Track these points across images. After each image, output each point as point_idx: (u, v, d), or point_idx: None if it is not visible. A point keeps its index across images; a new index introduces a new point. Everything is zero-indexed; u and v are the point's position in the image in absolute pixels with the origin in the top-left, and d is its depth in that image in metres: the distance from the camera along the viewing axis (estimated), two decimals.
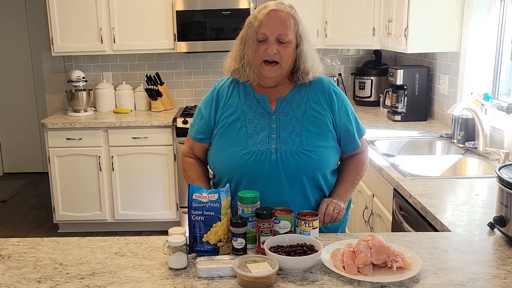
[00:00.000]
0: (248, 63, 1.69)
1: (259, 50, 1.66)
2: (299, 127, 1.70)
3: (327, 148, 1.72)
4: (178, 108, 4.52)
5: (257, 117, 1.72)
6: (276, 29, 1.64)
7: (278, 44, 1.65)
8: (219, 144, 1.75)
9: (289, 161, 1.67)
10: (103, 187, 4.10)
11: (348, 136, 1.78)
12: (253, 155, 1.67)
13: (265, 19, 1.64)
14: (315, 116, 1.72)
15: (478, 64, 3.07)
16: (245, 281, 1.30)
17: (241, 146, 1.69)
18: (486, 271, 1.38)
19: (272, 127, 1.71)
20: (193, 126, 1.83)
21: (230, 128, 1.73)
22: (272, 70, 1.67)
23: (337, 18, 4.04)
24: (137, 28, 4.12)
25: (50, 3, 4.07)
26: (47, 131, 4.02)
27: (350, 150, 1.81)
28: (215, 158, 1.77)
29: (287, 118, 1.71)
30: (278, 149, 1.68)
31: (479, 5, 3.03)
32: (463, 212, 1.85)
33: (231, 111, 1.75)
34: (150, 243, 1.59)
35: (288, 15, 1.67)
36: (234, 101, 1.76)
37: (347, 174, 1.81)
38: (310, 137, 1.69)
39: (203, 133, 1.79)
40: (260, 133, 1.70)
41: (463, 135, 2.85)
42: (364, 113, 4.01)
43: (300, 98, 1.74)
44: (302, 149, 1.68)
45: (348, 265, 1.35)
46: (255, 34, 1.65)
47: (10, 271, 1.43)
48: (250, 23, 1.68)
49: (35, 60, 5.71)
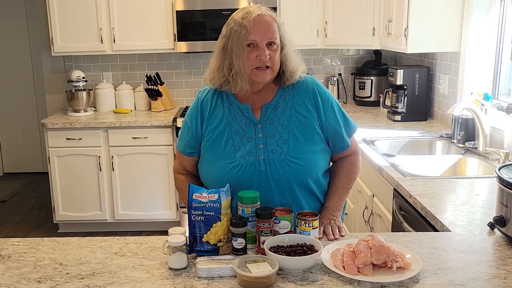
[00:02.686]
0: (238, 73, 1.63)
1: (249, 57, 1.61)
2: (285, 134, 1.68)
3: (315, 153, 1.70)
4: (178, 108, 4.52)
5: (243, 127, 1.70)
6: (266, 34, 1.61)
7: (268, 49, 1.62)
8: (207, 157, 1.73)
9: (278, 171, 1.65)
10: (103, 187, 4.10)
11: (336, 136, 1.76)
12: (242, 168, 1.66)
13: (253, 26, 1.59)
14: (301, 120, 1.70)
15: (478, 64, 3.07)
16: (245, 281, 1.30)
17: (229, 160, 1.68)
18: (486, 271, 1.38)
19: (259, 137, 1.69)
20: (181, 140, 1.80)
21: (216, 141, 1.71)
22: (265, 74, 1.64)
23: (337, 18, 4.04)
24: (137, 28, 4.12)
25: (50, 3, 4.07)
26: (47, 131, 4.02)
27: (340, 150, 1.79)
28: (205, 173, 1.76)
29: (273, 126, 1.69)
30: (266, 159, 1.66)
31: (479, 5, 3.03)
32: (463, 212, 1.85)
33: (216, 123, 1.72)
34: (150, 243, 1.59)
35: (271, 19, 1.64)
36: (218, 113, 1.73)
37: (340, 180, 1.79)
38: (298, 143, 1.67)
39: (191, 146, 1.77)
40: (247, 144, 1.68)
41: (463, 135, 2.85)
42: (364, 113, 4.02)
43: (284, 103, 1.72)
44: (290, 157, 1.66)
45: (348, 265, 1.35)
46: (244, 41, 1.60)
47: (10, 271, 1.43)
48: (235, 32, 1.61)
49: (35, 60, 5.71)
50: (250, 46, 1.61)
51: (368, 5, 3.80)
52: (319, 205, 1.78)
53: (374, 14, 3.77)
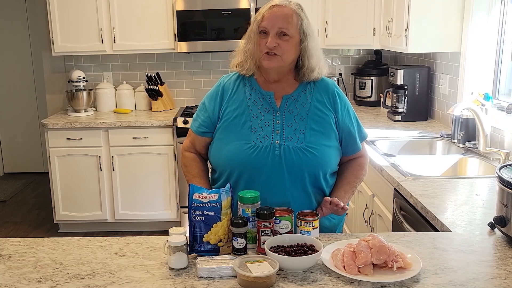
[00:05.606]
0: (250, 55, 1.73)
1: (261, 43, 1.69)
2: (303, 125, 1.71)
3: (330, 147, 1.73)
4: (179, 108, 4.52)
5: (262, 112, 1.74)
6: (276, 23, 1.67)
7: (278, 38, 1.67)
8: (222, 137, 1.75)
9: (292, 157, 1.68)
10: (103, 187, 4.10)
11: (349, 137, 1.79)
12: (257, 150, 1.68)
13: (267, 14, 1.69)
14: (319, 115, 1.74)
15: (478, 64, 3.07)
16: (245, 281, 1.30)
17: (245, 140, 1.70)
18: (487, 271, 1.38)
19: (277, 123, 1.72)
20: (196, 120, 1.83)
21: (234, 122, 1.74)
22: (271, 61, 1.68)
23: (337, 18, 4.04)
24: (138, 28, 4.12)
25: (50, 3, 4.07)
26: (48, 131, 4.02)
27: (351, 152, 1.82)
28: (218, 152, 1.77)
29: (291, 115, 1.73)
30: (282, 144, 1.69)
31: (479, 5, 3.03)
32: (463, 212, 1.85)
33: (235, 106, 1.76)
34: (150, 243, 1.59)
35: (291, 11, 1.70)
36: (239, 96, 1.77)
37: (346, 177, 1.82)
38: (314, 135, 1.71)
39: (206, 126, 1.80)
40: (264, 128, 1.71)
41: (464, 135, 2.85)
42: (365, 113, 4.01)
43: (305, 97, 1.76)
44: (305, 145, 1.69)
45: (349, 265, 1.35)
46: (257, 28, 1.70)
47: (10, 271, 1.43)
48: (255, 19, 1.74)
49: (35, 60, 5.71)
50: (263, 33, 1.69)
51: (368, 5, 3.80)
52: None
53: (374, 14, 3.77)
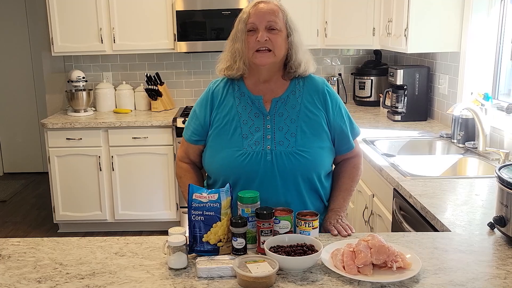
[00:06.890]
0: (239, 55, 1.70)
1: (250, 41, 1.67)
2: (294, 128, 1.70)
3: (322, 149, 1.72)
4: (178, 108, 4.52)
5: (252, 117, 1.72)
6: (264, 17, 1.66)
7: (268, 32, 1.66)
8: (214, 145, 1.75)
9: (284, 162, 1.67)
10: (103, 187, 4.10)
11: (342, 136, 1.78)
12: (248, 156, 1.67)
13: (253, 10, 1.69)
14: (309, 116, 1.72)
15: (478, 64, 3.07)
16: (245, 281, 1.30)
17: (236, 147, 1.69)
18: (486, 271, 1.38)
19: (267, 128, 1.70)
20: (188, 128, 1.82)
21: (224, 129, 1.72)
22: (264, 56, 1.67)
23: (337, 18, 4.04)
24: (137, 28, 4.12)
25: (50, 3, 4.07)
26: (47, 131, 4.02)
27: (345, 151, 1.81)
28: (210, 160, 1.76)
29: (281, 119, 1.71)
30: (273, 149, 1.68)
31: (479, 5, 3.03)
32: (463, 212, 1.85)
33: (225, 112, 1.74)
34: (150, 243, 1.59)
35: (276, 6, 1.70)
36: (228, 102, 1.76)
37: (343, 182, 1.81)
38: (305, 138, 1.69)
39: (198, 134, 1.79)
40: (255, 134, 1.70)
41: (463, 135, 2.85)
42: (364, 113, 4.01)
43: (294, 98, 1.74)
44: (297, 149, 1.68)
45: (348, 265, 1.35)
46: (244, 26, 1.68)
47: (10, 271, 1.43)
48: (239, 18, 1.72)
49: (35, 60, 5.71)
50: (251, 31, 1.67)
51: (368, 5, 3.80)
52: (321, 205, 1.79)
53: (374, 14, 3.77)
